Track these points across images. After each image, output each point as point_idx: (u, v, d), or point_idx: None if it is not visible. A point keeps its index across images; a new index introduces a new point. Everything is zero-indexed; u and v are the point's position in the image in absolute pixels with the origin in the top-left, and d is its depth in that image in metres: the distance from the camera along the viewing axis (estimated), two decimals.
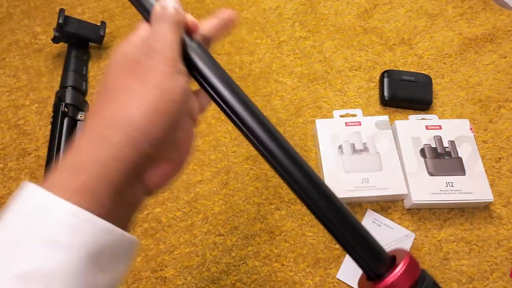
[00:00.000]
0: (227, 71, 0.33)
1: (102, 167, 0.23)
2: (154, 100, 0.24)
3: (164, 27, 0.26)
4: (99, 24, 0.72)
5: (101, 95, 0.25)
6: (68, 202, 0.22)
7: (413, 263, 0.26)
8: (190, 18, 0.28)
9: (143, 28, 0.28)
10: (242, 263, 0.56)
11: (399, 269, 0.25)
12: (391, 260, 0.27)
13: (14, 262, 0.21)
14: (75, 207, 0.22)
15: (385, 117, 0.64)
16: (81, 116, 0.66)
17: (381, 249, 0.27)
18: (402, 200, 0.60)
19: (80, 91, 0.68)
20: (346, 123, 0.63)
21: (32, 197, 0.23)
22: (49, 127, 0.65)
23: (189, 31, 0.28)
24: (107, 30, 0.73)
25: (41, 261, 0.21)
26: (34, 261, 0.21)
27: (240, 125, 0.29)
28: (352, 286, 0.55)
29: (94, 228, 0.22)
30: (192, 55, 0.28)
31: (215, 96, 0.28)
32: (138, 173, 0.25)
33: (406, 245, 0.57)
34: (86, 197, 0.23)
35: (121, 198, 0.24)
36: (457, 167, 0.59)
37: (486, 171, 0.59)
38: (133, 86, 0.24)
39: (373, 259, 0.27)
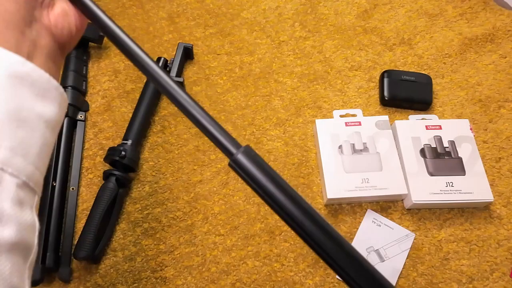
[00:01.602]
0: (227, 71, 0.33)
1: None
2: None
3: None
4: None
5: None
6: None
7: None
8: None
9: None
10: (242, 263, 0.56)
11: None
12: None
13: None
14: None
15: (385, 117, 0.64)
16: (81, 116, 0.66)
17: None
18: (402, 200, 0.60)
19: (80, 91, 0.68)
20: (346, 123, 0.63)
21: None
22: None
23: None
24: None
25: None
26: None
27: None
28: None
29: (4, 55, 0.26)
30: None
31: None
32: (30, 14, 0.30)
33: (406, 245, 0.57)
34: None
35: (24, 37, 0.28)
36: (457, 167, 0.59)
37: (486, 171, 0.59)
38: None
39: None
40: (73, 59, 0.71)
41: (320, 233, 0.29)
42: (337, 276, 0.55)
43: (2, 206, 0.24)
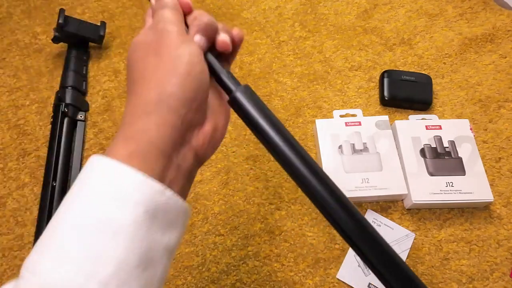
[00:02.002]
0: None
1: (148, 134, 0.26)
2: (174, 68, 0.28)
3: (162, 12, 0.31)
4: (99, 24, 0.72)
5: (130, 81, 0.29)
6: (125, 165, 0.25)
7: None
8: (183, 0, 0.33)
9: (148, 22, 0.34)
10: (242, 263, 0.56)
11: None
12: None
13: (84, 214, 0.24)
14: (132, 169, 0.25)
15: (385, 117, 0.64)
16: (81, 116, 0.66)
17: None
18: (402, 200, 0.60)
19: (80, 91, 0.68)
20: (346, 123, 0.63)
21: (93, 164, 0.26)
22: (49, 127, 0.65)
23: (183, 10, 0.33)
24: (107, 30, 0.73)
25: (106, 214, 0.24)
26: (99, 214, 0.24)
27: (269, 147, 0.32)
28: (352, 286, 0.55)
29: (148, 187, 0.25)
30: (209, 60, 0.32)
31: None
32: (182, 137, 0.28)
33: (406, 245, 0.57)
34: (138, 162, 0.26)
35: (171, 163, 0.27)
36: (457, 167, 0.59)
37: (486, 171, 0.59)
38: (154, 62, 0.28)
39: None
40: (73, 59, 0.71)
41: (309, 172, 0.30)
42: (337, 276, 0.55)
43: None
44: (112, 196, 0.25)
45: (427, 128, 0.62)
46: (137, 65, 0.29)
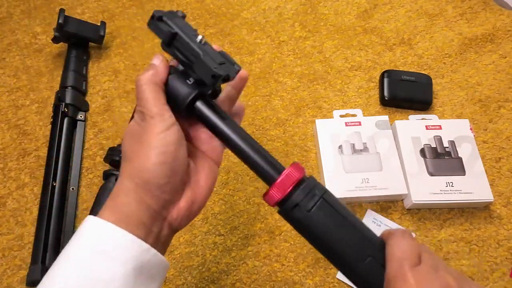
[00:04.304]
0: None
1: (129, 208, 0.31)
2: (149, 156, 0.31)
3: (142, 93, 0.33)
4: (99, 24, 0.72)
5: (122, 158, 0.33)
6: (117, 226, 0.29)
7: (297, 168, 0.32)
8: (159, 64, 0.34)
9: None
10: (242, 263, 0.56)
11: (284, 171, 0.32)
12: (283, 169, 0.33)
13: (78, 270, 0.28)
14: (123, 230, 0.29)
15: (385, 117, 0.64)
16: (81, 116, 0.66)
17: (276, 162, 0.34)
18: (402, 200, 0.60)
19: (80, 91, 0.68)
20: (346, 123, 0.63)
21: (89, 224, 0.30)
22: (49, 127, 0.65)
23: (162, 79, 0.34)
24: (107, 30, 0.73)
25: (98, 270, 0.28)
26: (93, 270, 0.28)
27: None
28: (352, 286, 0.55)
29: (138, 247, 0.30)
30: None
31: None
32: (159, 213, 0.32)
33: None
34: (126, 227, 0.30)
35: (150, 232, 0.31)
36: (457, 167, 0.59)
37: (486, 171, 0.59)
38: (137, 148, 0.32)
39: (269, 169, 0.33)
40: (73, 59, 0.71)
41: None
42: (337, 276, 0.55)
43: None
44: (104, 254, 0.28)
45: (427, 128, 0.62)
46: (126, 148, 0.33)
